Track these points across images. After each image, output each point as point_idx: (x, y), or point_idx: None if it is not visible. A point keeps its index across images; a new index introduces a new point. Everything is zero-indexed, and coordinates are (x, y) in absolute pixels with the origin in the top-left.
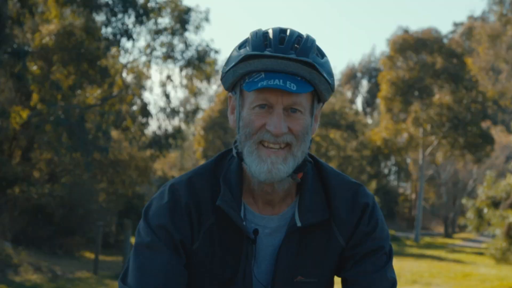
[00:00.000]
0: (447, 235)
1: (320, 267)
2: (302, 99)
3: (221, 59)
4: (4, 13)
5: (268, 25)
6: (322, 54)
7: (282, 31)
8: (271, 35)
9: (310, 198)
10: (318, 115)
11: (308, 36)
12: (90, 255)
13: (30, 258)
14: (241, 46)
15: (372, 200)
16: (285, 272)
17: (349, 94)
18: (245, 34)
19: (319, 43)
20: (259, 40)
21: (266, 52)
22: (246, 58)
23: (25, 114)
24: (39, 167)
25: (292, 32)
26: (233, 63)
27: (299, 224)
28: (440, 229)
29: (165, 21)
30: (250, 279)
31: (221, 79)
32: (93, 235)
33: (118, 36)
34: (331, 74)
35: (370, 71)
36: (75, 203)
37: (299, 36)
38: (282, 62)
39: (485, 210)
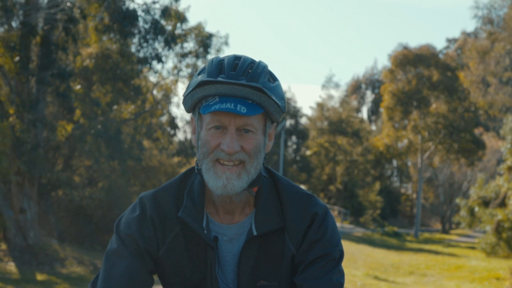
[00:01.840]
0: (444, 231)
1: (278, 271)
2: (253, 120)
3: None
4: (51, 41)
5: (278, 45)
6: (274, 79)
7: (237, 58)
8: (225, 62)
9: (266, 209)
10: (272, 133)
11: (259, 62)
12: None
13: (74, 253)
14: (199, 72)
15: (323, 210)
16: (248, 277)
17: (355, 103)
18: (259, 55)
19: (328, 59)
20: (214, 67)
21: (219, 79)
22: (202, 84)
23: (69, 127)
24: (79, 172)
25: (245, 59)
26: (191, 88)
27: (255, 233)
28: (438, 225)
29: (190, 45)
30: (217, 282)
31: (182, 103)
32: None
33: (150, 59)
34: (281, 97)
35: (373, 83)
36: (112, 204)
37: (252, 62)
38: (233, 87)
39: (477, 209)
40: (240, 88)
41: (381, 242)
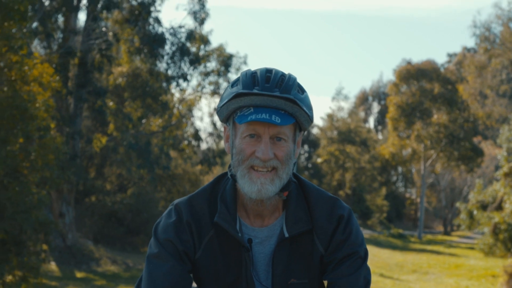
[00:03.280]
0: (446, 233)
1: (308, 270)
2: (285, 129)
3: None
4: (88, 62)
5: (292, 60)
6: (302, 90)
7: (268, 71)
8: (258, 75)
9: (295, 212)
10: (300, 141)
11: (290, 75)
12: None
13: (107, 253)
14: (233, 84)
15: (348, 212)
16: (280, 275)
17: (362, 114)
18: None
19: (337, 73)
20: (249, 79)
21: (254, 90)
22: (238, 95)
23: (104, 139)
24: (111, 180)
25: (276, 71)
26: (227, 100)
27: (286, 235)
28: (440, 228)
29: (212, 65)
30: (252, 282)
31: (217, 113)
32: None
33: (176, 78)
34: (310, 107)
35: (380, 95)
36: (141, 209)
37: (283, 75)
38: (268, 98)
39: (475, 212)
40: (274, 99)
41: (387, 243)
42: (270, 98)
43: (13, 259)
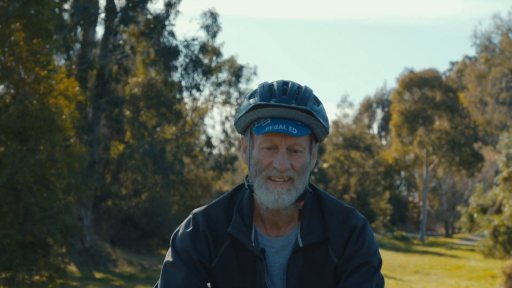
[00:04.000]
0: (448, 235)
1: (322, 280)
2: (302, 140)
3: None
4: (105, 73)
5: (299, 69)
6: (318, 102)
7: (285, 83)
8: (275, 87)
9: (310, 222)
10: (316, 152)
11: (306, 87)
12: (166, 252)
13: (123, 255)
14: (250, 96)
15: (362, 222)
16: (295, 285)
17: (366, 121)
18: (282, 77)
19: (343, 80)
20: (266, 91)
21: (272, 102)
22: (255, 107)
23: (121, 147)
24: (126, 185)
25: (293, 84)
26: (244, 111)
27: (301, 244)
28: (442, 230)
29: (223, 75)
30: None
31: (235, 124)
32: (169, 238)
33: (190, 88)
34: (326, 119)
35: (383, 102)
36: (155, 213)
37: (299, 87)
38: (285, 110)
39: (475, 215)
40: (291, 111)
41: (390, 245)
42: (287, 109)
43: (40, 261)
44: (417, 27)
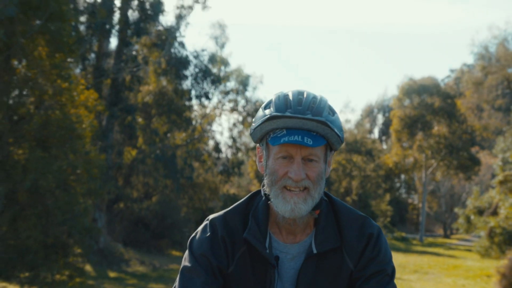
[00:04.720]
0: (446, 236)
1: (334, 285)
2: (317, 150)
3: None
4: (119, 82)
5: (303, 75)
6: (333, 112)
7: (300, 93)
8: (290, 97)
9: (324, 229)
10: (331, 161)
11: (321, 97)
12: (175, 253)
13: (135, 255)
14: (266, 106)
15: (377, 230)
16: None
17: (367, 126)
18: (288, 85)
19: (345, 87)
20: (281, 102)
21: (287, 113)
22: (271, 118)
23: (134, 152)
24: (137, 188)
25: (308, 94)
26: (260, 122)
27: (315, 251)
28: (441, 231)
29: (231, 84)
30: None
31: (250, 134)
32: (179, 239)
33: (199, 97)
34: (340, 129)
35: (384, 108)
36: (165, 215)
37: (314, 97)
38: (300, 121)
39: (472, 217)
40: (306, 121)
41: (390, 246)
42: (303, 120)
43: (60, 261)
44: (417, 36)
